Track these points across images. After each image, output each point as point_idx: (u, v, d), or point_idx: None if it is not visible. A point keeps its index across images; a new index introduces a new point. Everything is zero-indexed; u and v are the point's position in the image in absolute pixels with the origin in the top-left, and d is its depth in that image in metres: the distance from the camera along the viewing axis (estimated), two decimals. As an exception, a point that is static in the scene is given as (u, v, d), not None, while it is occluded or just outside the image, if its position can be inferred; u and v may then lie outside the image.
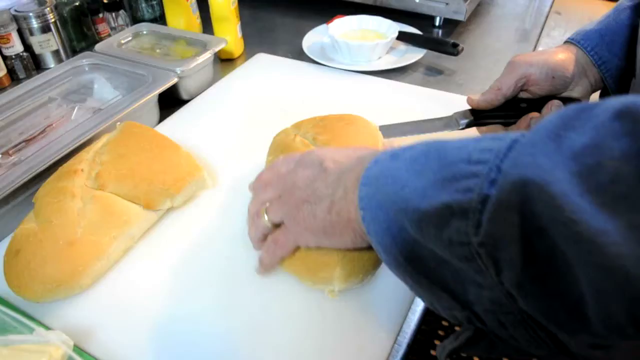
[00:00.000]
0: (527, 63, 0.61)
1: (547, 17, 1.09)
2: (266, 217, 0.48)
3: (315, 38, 0.95)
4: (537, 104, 0.63)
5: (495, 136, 0.31)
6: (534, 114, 0.62)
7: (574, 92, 0.63)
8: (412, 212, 0.33)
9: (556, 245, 0.25)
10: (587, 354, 0.30)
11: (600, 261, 0.24)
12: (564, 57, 0.61)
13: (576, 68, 0.61)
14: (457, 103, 0.76)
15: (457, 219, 0.29)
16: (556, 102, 0.61)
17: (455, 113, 0.66)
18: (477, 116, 0.65)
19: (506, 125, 0.65)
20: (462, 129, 0.65)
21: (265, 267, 0.50)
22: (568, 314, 0.27)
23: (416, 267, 0.35)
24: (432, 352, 1.43)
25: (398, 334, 0.46)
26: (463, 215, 0.29)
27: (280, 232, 0.47)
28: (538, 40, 1.01)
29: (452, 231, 0.30)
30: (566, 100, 0.62)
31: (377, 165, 0.38)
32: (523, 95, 0.64)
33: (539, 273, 0.27)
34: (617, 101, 0.27)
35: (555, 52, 0.62)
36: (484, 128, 0.66)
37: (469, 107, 0.65)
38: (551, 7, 1.14)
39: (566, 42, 0.64)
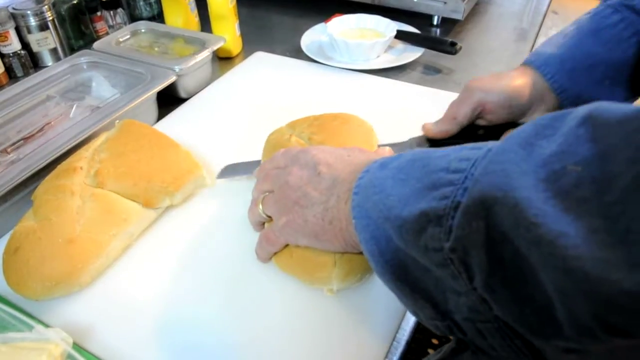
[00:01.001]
0: (484, 90, 0.59)
1: (544, 16, 1.09)
2: (261, 208, 0.49)
3: (313, 36, 0.95)
4: (495, 131, 0.61)
5: (475, 145, 0.32)
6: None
7: (530, 119, 0.59)
8: (394, 219, 0.34)
9: (519, 250, 0.26)
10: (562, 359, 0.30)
11: (561, 264, 0.24)
12: (522, 83, 0.59)
13: (534, 94, 0.59)
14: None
15: (432, 225, 0.30)
16: (513, 130, 0.58)
17: (411, 139, 0.64)
18: (434, 144, 0.63)
19: None
20: None
21: (261, 259, 0.51)
22: (538, 319, 0.27)
23: (400, 275, 0.35)
24: (430, 351, 1.43)
25: (397, 332, 0.46)
26: (438, 222, 0.30)
27: (270, 229, 0.49)
28: (536, 39, 1.01)
29: (427, 237, 0.31)
30: None
31: (368, 174, 0.39)
32: (479, 122, 0.62)
33: (506, 277, 0.28)
34: (584, 107, 0.27)
35: (512, 78, 0.59)
36: None
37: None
38: (549, 6, 1.14)
39: (524, 64, 0.61)
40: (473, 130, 0.62)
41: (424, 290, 0.34)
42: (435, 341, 1.45)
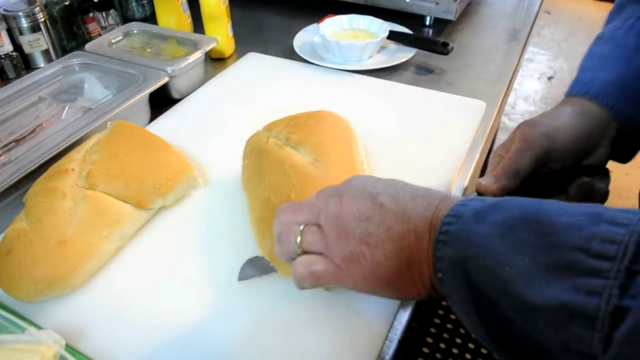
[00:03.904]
0: (548, 137, 0.49)
1: (536, 16, 1.10)
2: (298, 240, 0.41)
3: (306, 37, 0.95)
4: (555, 177, 0.52)
5: (614, 218, 0.28)
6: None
7: (592, 159, 0.53)
8: (514, 297, 0.29)
9: None
10: None
11: None
12: (585, 123, 0.50)
13: (597, 130, 0.51)
14: (446, 102, 0.77)
15: (577, 324, 0.26)
16: (585, 180, 0.50)
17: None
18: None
19: None
20: None
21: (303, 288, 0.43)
22: None
23: (503, 342, 0.32)
24: (424, 349, 1.44)
25: (389, 330, 0.47)
26: (586, 323, 0.26)
27: (324, 267, 0.40)
28: (527, 39, 1.02)
29: (570, 337, 0.27)
30: (590, 172, 0.51)
31: (460, 222, 0.34)
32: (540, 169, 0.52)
33: None
34: None
35: (572, 117, 0.50)
36: None
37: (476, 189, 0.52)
38: (540, 6, 1.15)
39: (573, 94, 0.53)
40: (534, 179, 0.51)
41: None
42: (429, 340, 1.46)
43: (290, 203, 0.45)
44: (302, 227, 0.41)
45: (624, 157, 0.55)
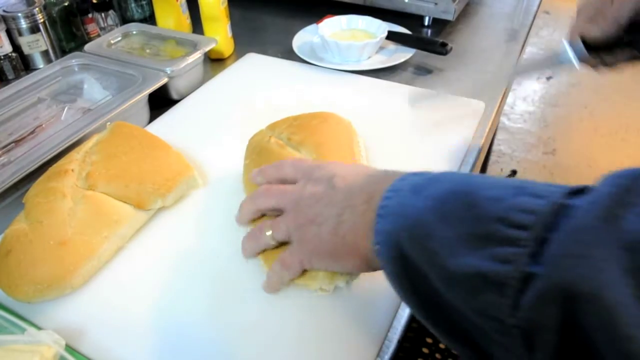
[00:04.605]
0: None
1: (534, 16, 1.10)
2: (269, 233, 0.45)
3: (305, 38, 0.95)
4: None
5: (536, 191, 0.28)
6: None
7: None
8: (439, 267, 0.31)
9: (598, 352, 0.24)
10: None
11: None
12: None
13: None
14: (445, 102, 0.77)
15: (491, 291, 0.27)
16: None
17: (562, 44, 0.55)
18: (591, 49, 0.53)
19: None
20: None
21: (273, 289, 0.48)
22: None
23: (435, 314, 0.33)
24: (424, 350, 1.44)
25: (388, 330, 0.47)
26: (498, 289, 0.27)
27: (287, 253, 0.45)
28: (526, 39, 1.02)
29: (484, 302, 0.28)
30: None
31: (397, 195, 0.35)
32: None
33: None
34: None
35: None
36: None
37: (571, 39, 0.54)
38: (539, 6, 1.15)
39: None
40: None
41: (461, 332, 0.31)
42: (429, 340, 1.46)
43: (263, 174, 0.50)
44: (269, 222, 0.46)
45: None
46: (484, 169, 0.52)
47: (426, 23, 1.03)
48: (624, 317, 0.22)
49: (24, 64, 0.89)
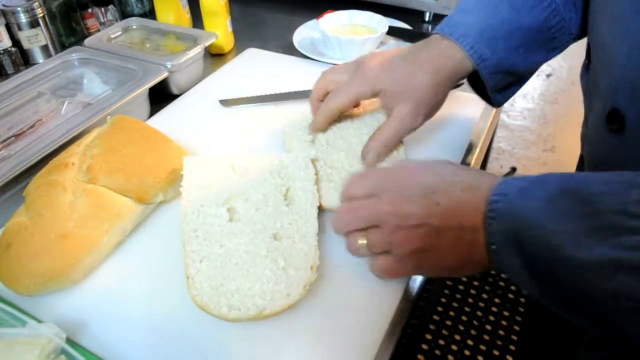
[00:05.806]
0: (397, 96, 0.56)
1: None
2: (364, 242, 0.44)
3: (305, 33, 0.95)
4: None
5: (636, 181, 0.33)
6: None
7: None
8: (565, 259, 0.33)
9: None
10: None
11: None
12: (452, 64, 0.56)
13: (457, 68, 0.56)
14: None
15: (624, 274, 0.31)
16: None
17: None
18: None
19: None
20: None
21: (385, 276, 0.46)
22: None
23: (556, 298, 0.36)
24: (423, 346, 1.44)
25: (388, 328, 0.47)
26: (632, 272, 0.31)
27: (394, 261, 0.44)
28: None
29: (618, 284, 0.31)
30: None
31: (505, 199, 0.38)
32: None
33: None
34: None
35: (433, 61, 0.56)
36: None
37: None
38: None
39: (439, 33, 0.57)
40: None
41: (591, 311, 0.35)
42: (428, 336, 1.46)
43: (347, 207, 0.46)
44: (365, 241, 0.44)
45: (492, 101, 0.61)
46: (484, 165, 0.52)
47: (427, 18, 1.03)
48: None
49: (24, 59, 0.89)
